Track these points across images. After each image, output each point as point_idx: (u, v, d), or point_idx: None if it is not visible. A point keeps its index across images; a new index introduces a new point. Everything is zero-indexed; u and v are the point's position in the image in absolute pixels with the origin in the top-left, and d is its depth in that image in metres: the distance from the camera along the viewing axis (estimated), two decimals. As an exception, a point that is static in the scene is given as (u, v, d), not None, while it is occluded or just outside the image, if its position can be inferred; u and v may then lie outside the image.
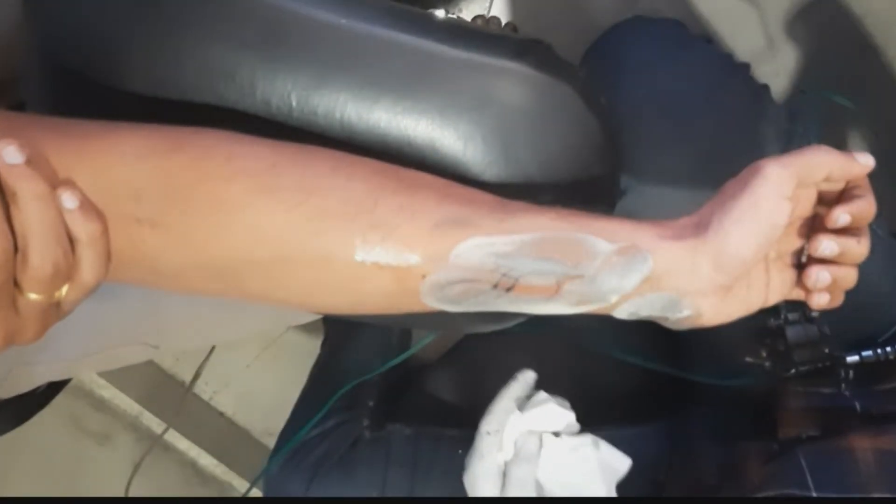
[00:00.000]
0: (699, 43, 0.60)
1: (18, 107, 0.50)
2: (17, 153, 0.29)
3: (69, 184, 0.31)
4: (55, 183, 0.30)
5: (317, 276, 0.34)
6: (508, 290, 0.35)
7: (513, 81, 0.39)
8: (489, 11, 0.78)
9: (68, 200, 0.30)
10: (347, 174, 0.34)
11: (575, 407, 0.67)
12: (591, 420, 0.63)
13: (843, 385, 0.51)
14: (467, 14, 0.79)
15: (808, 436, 0.48)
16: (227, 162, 0.33)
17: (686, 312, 0.36)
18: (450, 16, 0.41)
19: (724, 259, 0.34)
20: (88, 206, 0.31)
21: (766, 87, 0.58)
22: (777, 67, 0.80)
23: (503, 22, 0.69)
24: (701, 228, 0.35)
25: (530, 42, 0.41)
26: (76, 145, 0.32)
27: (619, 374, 0.68)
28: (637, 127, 0.52)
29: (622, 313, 0.37)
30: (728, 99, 0.55)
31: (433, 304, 0.35)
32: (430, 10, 0.41)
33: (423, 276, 0.34)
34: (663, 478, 0.57)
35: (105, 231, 0.32)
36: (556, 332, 0.68)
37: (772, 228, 0.34)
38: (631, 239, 0.35)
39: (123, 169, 0.32)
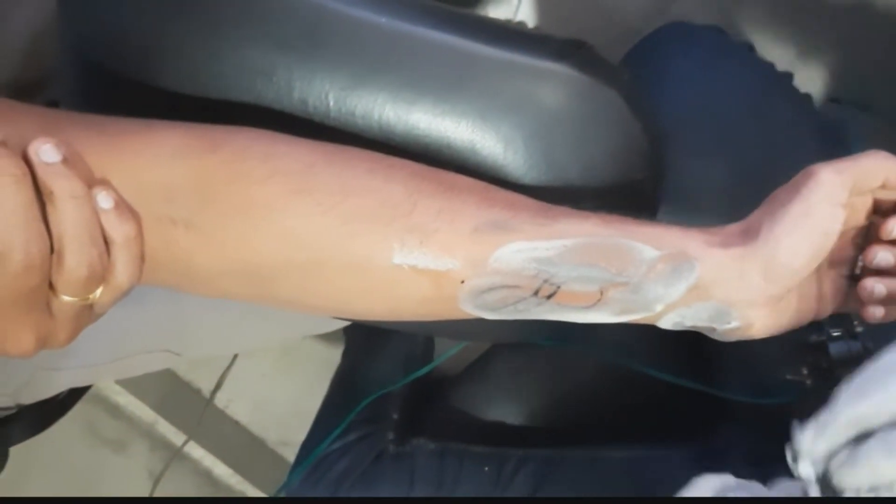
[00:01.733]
0: (742, 50, 0.59)
1: (51, 106, 0.49)
2: (54, 151, 0.28)
3: (105, 183, 0.30)
4: (91, 182, 0.30)
5: (353, 280, 0.33)
6: (549, 297, 0.34)
7: (555, 83, 0.38)
8: (515, 16, 0.78)
9: (104, 200, 0.29)
10: (385, 176, 0.33)
11: (600, 425, 0.66)
12: (616, 439, 0.62)
13: (887, 403, 0.49)
14: (495, 19, 0.78)
15: None
16: (262, 162, 0.32)
17: (735, 324, 0.35)
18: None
19: (774, 268, 0.33)
20: (124, 207, 0.30)
21: (808, 97, 0.56)
22: (809, 77, 0.79)
23: (529, 27, 0.68)
24: (750, 236, 0.34)
25: (573, 43, 0.40)
26: (111, 143, 0.31)
27: (647, 391, 0.66)
28: (679, 136, 0.51)
29: (667, 323, 0.35)
30: (772, 108, 0.54)
31: (471, 310, 0.34)
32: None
33: (462, 282, 0.33)
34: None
35: (140, 232, 0.31)
36: (583, 346, 0.67)
37: (825, 237, 0.33)
38: (677, 245, 0.34)
39: (158, 168, 0.31)
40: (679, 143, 0.51)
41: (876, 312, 0.36)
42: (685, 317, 0.35)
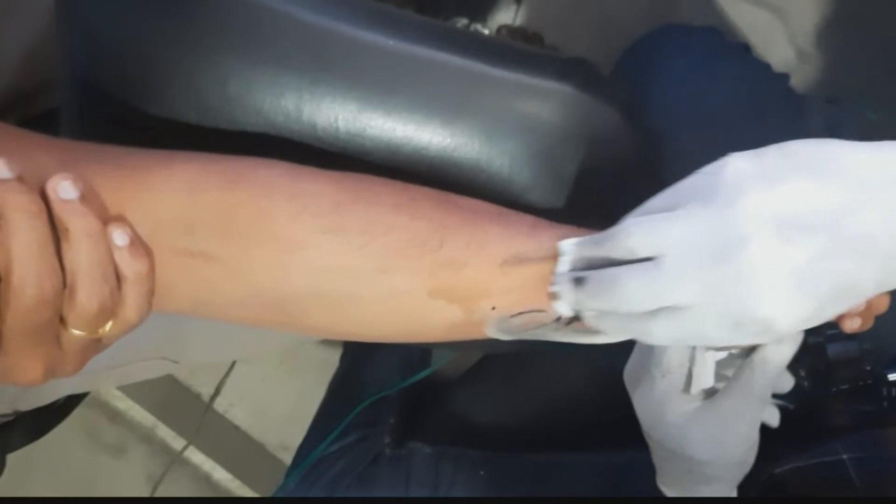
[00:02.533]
0: (737, 51, 0.59)
1: (47, 115, 0.49)
2: (72, 188, 0.28)
3: (120, 220, 0.30)
4: (106, 218, 0.30)
5: (384, 312, 0.33)
6: (569, 322, 0.34)
7: (558, 103, 0.38)
8: (515, 21, 0.78)
9: (119, 238, 0.29)
10: (410, 212, 0.33)
11: (596, 430, 0.66)
12: (613, 444, 0.62)
13: (885, 403, 0.50)
14: (493, 24, 0.78)
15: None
16: (289, 201, 0.32)
17: None
18: (479, 29, 0.40)
19: None
20: (138, 245, 0.30)
21: (805, 98, 0.57)
22: (805, 79, 0.79)
23: (528, 32, 0.68)
24: None
25: (574, 62, 0.40)
26: (128, 178, 0.31)
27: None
28: (675, 138, 0.51)
29: None
30: (769, 110, 0.54)
31: (493, 334, 0.35)
32: (454, 21, 0.40)
33: (493, 308, 0.33)
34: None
35: (152, 269, 0.31)
36: (578, 351, 0.67)
37: None
38: None
39: (176, 203, 0.31)
40: (675, 144, 0.51)
41: (853, 323, 0.37)
42: None
